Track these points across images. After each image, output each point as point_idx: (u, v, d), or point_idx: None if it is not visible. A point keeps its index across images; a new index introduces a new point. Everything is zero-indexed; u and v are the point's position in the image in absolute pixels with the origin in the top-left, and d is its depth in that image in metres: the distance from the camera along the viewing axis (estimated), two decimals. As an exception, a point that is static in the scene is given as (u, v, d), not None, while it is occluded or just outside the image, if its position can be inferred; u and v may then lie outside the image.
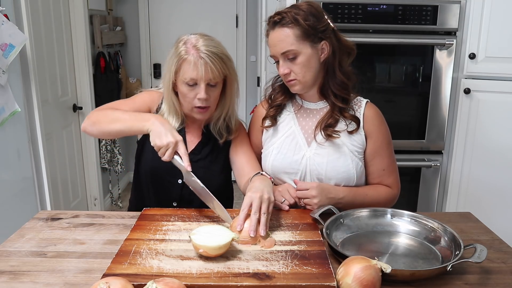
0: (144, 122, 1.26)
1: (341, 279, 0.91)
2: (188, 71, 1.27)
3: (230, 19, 4.11)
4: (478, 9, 2.09)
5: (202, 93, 1.29)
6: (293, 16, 1.28)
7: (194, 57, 1.26)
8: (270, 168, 1.42)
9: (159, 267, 0.97)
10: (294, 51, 1.28)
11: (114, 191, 3.74)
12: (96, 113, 1.36)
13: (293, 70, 1.31)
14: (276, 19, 1.30)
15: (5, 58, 2.00)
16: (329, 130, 1.35)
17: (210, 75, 1.27)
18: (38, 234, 1.19)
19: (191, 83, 1.29)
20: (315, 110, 1.42)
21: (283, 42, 1.29)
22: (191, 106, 1.33)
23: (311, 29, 1.28)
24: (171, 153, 1.22)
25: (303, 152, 1.39)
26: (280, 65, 1.32)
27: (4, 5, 2.01)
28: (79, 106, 3.09)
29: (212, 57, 1.27)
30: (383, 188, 1.41)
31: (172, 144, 1.21)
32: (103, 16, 3.48)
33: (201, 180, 1.24)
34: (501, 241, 1.17)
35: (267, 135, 1.46)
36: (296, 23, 1.27)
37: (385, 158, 1.40)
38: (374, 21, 2.15)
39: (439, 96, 2.23)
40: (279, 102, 1.44)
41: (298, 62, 1.30)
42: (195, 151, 1.42)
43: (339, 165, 1.35)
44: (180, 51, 1.29)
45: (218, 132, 1.42)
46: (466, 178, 2.25)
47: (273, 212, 1.27)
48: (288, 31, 1.28)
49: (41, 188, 2.48)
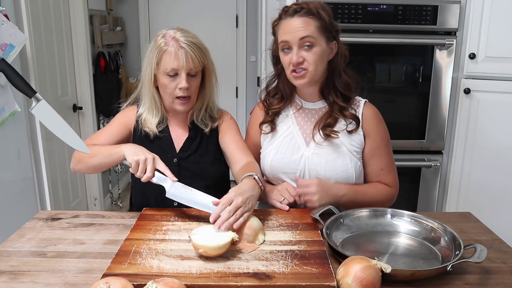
0: (118, 149, 1.30)
1: (341, 279, 0.91)
2: (169, 62, 1.30)
3: (230, 19, 4.11)
4: (478, 9, 2.09)
5: (184, 82, 1.32)
6: (316, 8, 1.31)
7: (174, 48, 1.30)
8: (269, 168, 1.42)
9: (159, 267, 0.97)
10: (312, 39, 1.30)
11: (114, 191, 3.74)
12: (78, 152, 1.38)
13: (307, 60, 1.31)
14: (297, 8, 1.31)
15: (5, 58, 2.00)
16: (327, 129, 1.35)
17: (191, 64, 1.31)
18: (38, 234, 1.19)
19: (172, 73, 1.32)
20: (313, 110, 1.42)
21: (303, 29, 1.29)
22: (173, 98, 1.36)
23: (329, 26, 1.32)
24: (152, 167, 1.23)
25: (302, 152, 1.39)
26: (294, 53, 1.31)
27: (4, 5, 2.01)
28: (79, 106, 3.09)
29: (192, 46, 1.31)
30: (382, 186, 1.41)
31: (151, 160, 1.23)
32: (103, 16, 3.48)
33: (195, 175, 1.25)
34: (501, 241, 1.17)
35: (266, 136, 1.46)
36: (318, 16, 1.30)
37: (383, 157, 1.40)
38: (374, 21, 2.15)
39: (439, 96, 2.23)
40: (277, 109, 1.45)
41: (313, 52, 1.30)
42: (184, 148, 1.44)
43: (337, 165, 1.35)
44: (160, 44, 1.32)
45: (202, 122, 1.45)
46: (466, 178, 2.25)
47: (273, 212, 1.27)
48: (310, 21, 1.30)
49: (41, 188, 2.48)
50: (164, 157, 1.39)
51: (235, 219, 1.08)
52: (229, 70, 4.16)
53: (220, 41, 4.04)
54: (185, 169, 1.41)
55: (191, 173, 1.39)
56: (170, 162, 1.40)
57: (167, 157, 1.39)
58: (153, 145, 1.42)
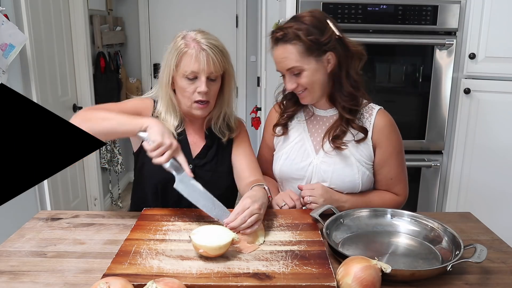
0: (141, 120, 1.20)
1: (341, 279, 0.91)
2: (189, 64, 1.26)
3: (230, 19, 4.11)
4: (478, 9, 2.09)
5: (203, 86, 1.27)
6: (294, 32, 1.25)
7: (195, 50, 1.25)
8: (279, 173, 1.43)
9: (159, 267, 0.97)
10: (298, 67, 1.27)
11: (114, 191, 3.74)
12: (85, 112, 1.29)
13: (300, 84, 1.30)
14: (278, 36, 1.28)
15: (5, 58, 2.00)
16: (337, 142, 1.34)
17: (212, 68, 1.26)
18: (38, 234, 1.19)
19: (191, 76, 1.27)
20: (325, 118, 1.42)
21: (286, 59, 1.28)
22: (191, 102, 1.31)
23: (314, 44, 1.26)
24: (169, 155, 1.15)
25: (311, 159, 1.39)
26: (287, 81, 1.32)
27: (4, 5, 2.01)
28: (79, 106, 3.08)
29: (213, 49, 1.26)
30: (389, 195, 1.40)
31: (174, 147, 1.17)
32: (103, 16, 3.48)
33: (208, 183, 1.22)
34: (501, 241, 1.17)
35: (278, 140, 1.47)
36: (298, 40, 1.25)
37: (393, 167, 1.38)
38: (374, 21, 2.15)
39: (439, 96, 2.23)
40: (291, 113, 1.44)
41: (303, 77, 1.29)
42: (201, 155, 1.39)
43: (344, 175, 1.35)
44: (180, 45, 1.27)
45: (220, 131, 1.40)
46: (466, 178, 2.25)
47: (273, 213, 1.27)
48: (291, 48, 1.26)
49: (41, 188, 2.48)
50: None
51: (248, 225, 1.08)
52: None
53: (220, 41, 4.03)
54: (200, 177, 1.32)
55: (205, 182, 1.29)
56: None
57: None
58: None
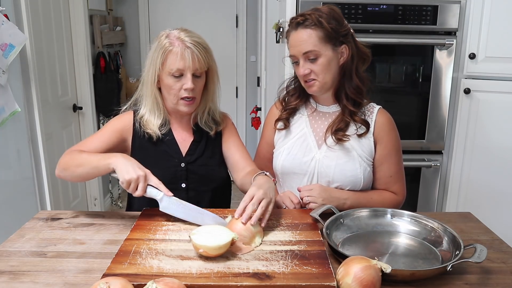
0: (107, 160, 1.23)
1: (341, 279, 0.91)
2: (175, 62, 1.28)
3: (230, 19, 4.11)
4: (478, 9, 2.09)
5: (189, 83, 1.30)
6: (317, 18, 1.29)
7: (180, 48, 1.28)
8: (280, 168, 1.43)
9: (159, 267, 0.97)
10: (316, 52, 1.30)
11: (114, 191, 3.74)
12: (65, 158, 1.34)
13: (314, 71, 1.32)
14: (300, 20, 1.31)
15: (5, 58, 2.00)
16: (339, 134, 1.36)
17: (197, 65, 1.29)
18: (38, 234, 1.19)
19: (177, 74, 1.30)
20: (327, 114, 1.43)
21: (305, 43, 1.30)
22: (177, 99, 1.34)
23: (333, 32, 1.30)
24: (143, 186, 1.18)
25: (313, 154, 1.39)
26: (301, 66, 1.34)
27: (4, 5, 2.01)
28: (79, 106, 3.09)
29: (198, 46, 1.29)
30: (388, 194, 1.41)
31: (143, 177, 1.18)
32: (103, 16, 3.48)
33: (203, 178, 1.24)
34: (501, 241, 1.17)
35: (280, 136, 1.47)
36: (320, 25, 1.29)
37: (392, 165, 1.40)
38: (374, 21, 2.15)
39: (439, 96, 2.23)
40: (293, 106, 1.45)
41: (319, 63, 1.31)
42: (190, 151, 1.42)
43: (347, 169, 1.35)
44: (165, 44, 1.30)
45: (206, 125, 1.43)
46: (466, 178, 2.25)
47: (273, 212, 1.27)
48: (311, 32, 1.30)
49: (41, 188, 2.48)
50: (171, 163, 1.38)
51: (262, 211, 1.10)
52: (229, 70, 4.16)
53: (220, 41, 4.03)
54: (193, 173, 1.39)
55: (199, 177, 1.36)
56: (177, 167, 1.39)
57: (174, 162, 1.39)
58: (158, 148, 1.40)
